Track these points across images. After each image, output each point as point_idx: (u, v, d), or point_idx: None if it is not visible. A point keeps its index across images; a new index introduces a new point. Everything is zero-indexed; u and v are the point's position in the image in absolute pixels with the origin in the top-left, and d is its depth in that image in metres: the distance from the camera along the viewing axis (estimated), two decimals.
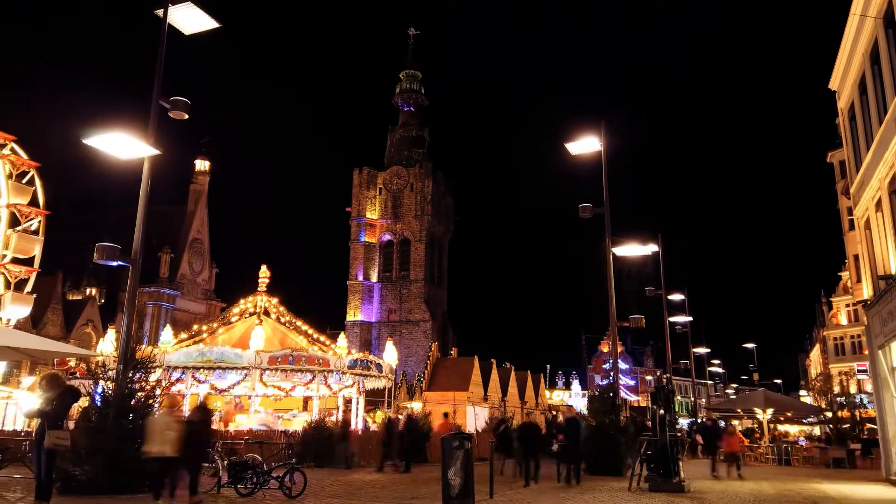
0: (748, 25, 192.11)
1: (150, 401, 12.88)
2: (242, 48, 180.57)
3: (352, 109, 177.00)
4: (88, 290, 58.97)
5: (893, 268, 16.75)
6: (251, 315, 30.70)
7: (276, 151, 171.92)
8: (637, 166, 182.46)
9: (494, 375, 47.95)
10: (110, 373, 13.03)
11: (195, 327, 32.67)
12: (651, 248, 22.91)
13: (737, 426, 40.87)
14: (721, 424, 24.42)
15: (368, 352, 40.26)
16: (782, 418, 40.90)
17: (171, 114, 13.94)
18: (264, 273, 30.97)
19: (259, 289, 30.87)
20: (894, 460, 18.23)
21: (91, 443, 12.06)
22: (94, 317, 54.81)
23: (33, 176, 35.83)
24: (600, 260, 20.60)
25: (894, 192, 16.98)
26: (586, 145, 18.81)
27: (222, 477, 12.58)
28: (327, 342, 30.52)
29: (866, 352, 23.22)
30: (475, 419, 39.32)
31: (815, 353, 67.73)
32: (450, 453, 10.07)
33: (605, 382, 66.08)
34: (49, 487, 9.61)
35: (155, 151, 13.57)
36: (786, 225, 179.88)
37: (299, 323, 31.31)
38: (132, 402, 12.57)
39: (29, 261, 35.11)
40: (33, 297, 35.24)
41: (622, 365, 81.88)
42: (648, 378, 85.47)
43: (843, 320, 55.97)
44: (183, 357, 25.96)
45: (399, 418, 23.63)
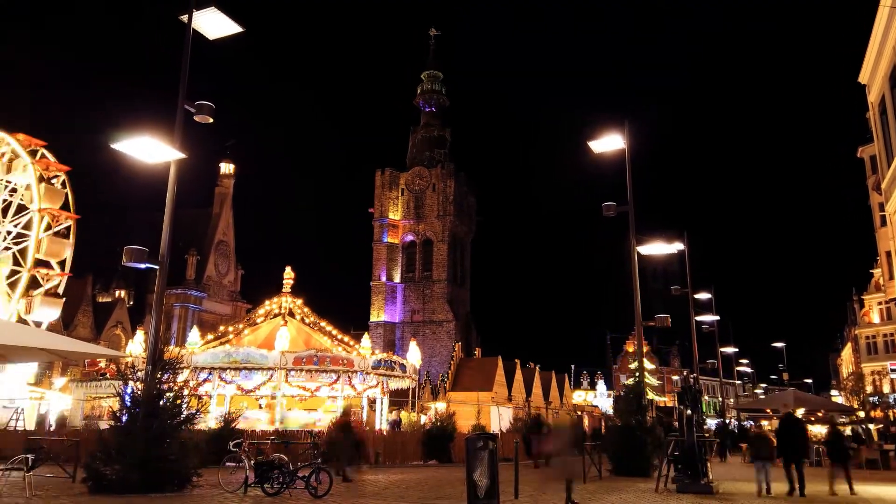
0: (778, 18, 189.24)
1: (178, 401, 13.04)
2: (264, 51, 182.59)
3: (374, 111, 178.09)
4: (117, 293, 60.03)
5: None
6: (276, 316, 30.99)
7: (299, 153, 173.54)
8: (662, 163, 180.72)
9: (518, 376, 47.77)
10: (139, 374, 13.23)
11: (221, 328, 33.07)
12: (676, 247, 22.67)
13: (766, 426, 40.16)
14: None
15: (392, 352, 40.44)
16: (813, 418, 40.17)
17: (197, 118, 14.13)
18: (289, 274, 31.24)
19: (283, 290, 31.15)
20: None
21: (121, 442, 12.25)
22: (124, 318, 55.79)
23: (64, 180, 36.55)
24: (625, 259, 20.43)
25: None
26: (609, 143, 18.67)
27: (249, 476, 12.69)
28: (351, 343, 30.69)
29: None
30: (499, 419, 39.20)
31: (847, 352, 66.39)
32: (474, 454, 10.05)
33: (631, 382, 65.42)
34: None
35: (181, 155, 13.76)
36: (816, 221, 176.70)
37: (323, 324, 31.54)
38: (161, 403, 12.74)
39: (59, 264, 35.78)
40: (63, 301, 35.90)
41: (648, 365, 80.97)
42: (675, 378, 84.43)
43: (876, 318, 54.75)
44: (210, 358, 26.29)
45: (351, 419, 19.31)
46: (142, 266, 14.02)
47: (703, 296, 33.92)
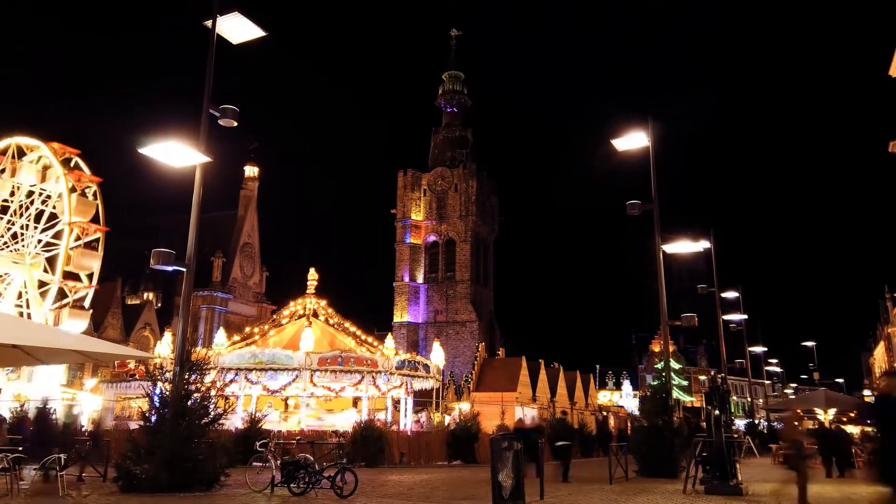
0: (803, 13, 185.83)
1: (206, 402, 13.19)
2: (286, 53, 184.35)
3: (395, 112, 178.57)
4: (146, 295, 61.05)
5: None
6: (300, 317, 31.25)
7: (322, 155, 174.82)
8: (687, 160, 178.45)
9: (543, 376, 47.58)
10: (167, 374, 13.41)
11: (247, 329, 33.44)
12: (702, 245, 22.33)
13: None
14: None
15: (416, 352, 40.51)
16: (845, 419, 39.34)
17: (221, 122, 14.29)
18: (312, 276, 31.48)
19: (308, 291, 31.39)
20: None
21: (150, 442, 12.43)
22: (152, 320, 56.71)
23: (95, 191, 37.00)
24: (650, 258, 20.20)
25: None
26: (633, 141, 18.49)
27: (276, 476, 12.79)
28: (375, 343, 30.81)
29: None
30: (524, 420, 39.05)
31: (880, 351, 64.95)
32: (499, 454, 10.02)
33: (657, 383, 64.75)
34: None
35: (206, 159, 13.93)
36: (847, 217, 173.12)
37: (347, 324, 31.72)
38: (189, 403, 12.90)
39: (87, 276, 36.25)
40: (90, 313, 36.39)
41: (674, 365, 79.99)
42: (702, 378, 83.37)
43: None
44: (236, 359, 26.59)
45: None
46: (169, 269, 14.21)
47: (731, 294, 33.44)
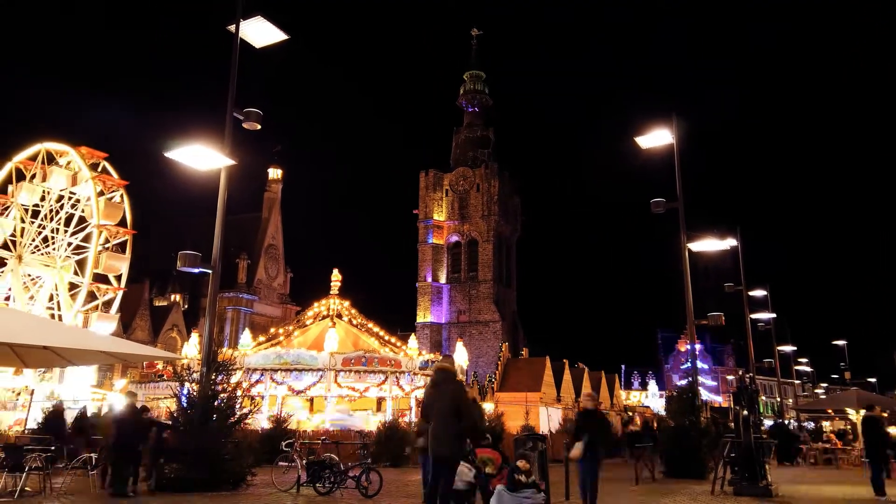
0: (828, 9, 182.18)
1: (232, 402, 13.33)
2: (309, 55, 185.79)
3: (417, 112, 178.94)
4: (173, 297, 62.00)
5: None
6: (324, 318, 31.46)
7: (344, 156, 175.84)
8: (711, 158, 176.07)
9: (567, 376, 47.27)
10: (195, 375, 13.58)
11: (272, 330, 33.77)
12: (729, 243, 22.00)
13: (827, 427, 38.67)
14: None
15: (439, 353, 40.54)
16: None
17: (245, 125, 14.43)
18: (336, 277, 31.68)
19: (331, 292, 31.59)
20: None
21: (179, 442, 12.61)
22: (179, 322, 57.60)
23: (122, 194, 37.72)
24: (675, 256, 19.95)
25: None
26: (657, 139, 18.28)
27: (301, 476, 12.88)
28: (398, 343, 30.91)
29: None
30: (548, 420, 38.88)
31: None
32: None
33: (684, 382, 63.99)
34: None
35: (231, 162, 14.08)
36: (876, 215, 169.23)
37: (371, 325, 31.87)
38: (216, 403, 13.05)
39: (116, 278, 36.93)
40: (118, 316, 37.09)
41: (701, 364, 79.05)
42: (730, 378, 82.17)
43: None
44: (261, 359, 26.87)
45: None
46: (195, 270, 14.39)
47: (759, 293, 32.84)
